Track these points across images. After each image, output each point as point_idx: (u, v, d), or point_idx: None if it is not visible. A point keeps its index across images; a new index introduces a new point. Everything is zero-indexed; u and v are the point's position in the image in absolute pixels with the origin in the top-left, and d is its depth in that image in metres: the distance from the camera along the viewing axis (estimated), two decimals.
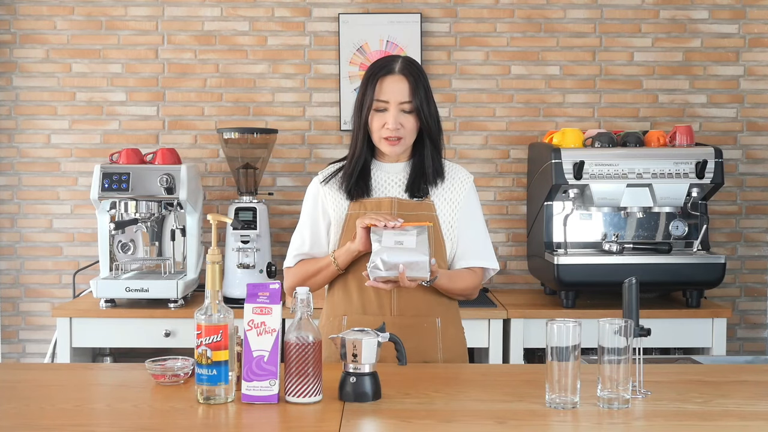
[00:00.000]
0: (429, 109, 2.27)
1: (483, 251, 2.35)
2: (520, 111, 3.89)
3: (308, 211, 2.37)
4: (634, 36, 3.87)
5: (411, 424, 1.70)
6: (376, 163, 2.34)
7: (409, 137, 2.28)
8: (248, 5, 3.85)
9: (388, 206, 2.28)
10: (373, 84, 2.26)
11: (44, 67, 3.85)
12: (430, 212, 2.29)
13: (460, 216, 2.32)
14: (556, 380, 1.76)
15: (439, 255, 2.27)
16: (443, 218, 2.30)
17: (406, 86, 2.24)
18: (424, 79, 2.29)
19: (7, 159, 3.87)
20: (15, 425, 1.70)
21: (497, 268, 2.39)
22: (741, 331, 3.92)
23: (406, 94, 2.24)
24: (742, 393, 1.92)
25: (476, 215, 2.36)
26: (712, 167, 3.33)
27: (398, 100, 2.24)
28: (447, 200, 2.32)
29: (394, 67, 2.26)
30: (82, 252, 3.86)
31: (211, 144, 3.88)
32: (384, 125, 2.24)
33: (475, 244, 2.34)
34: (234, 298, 3.40)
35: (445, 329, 2.30)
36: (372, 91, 2.26)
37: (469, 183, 2.36)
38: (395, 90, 2.24)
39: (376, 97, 2.25)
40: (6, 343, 3.89)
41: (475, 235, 2.34)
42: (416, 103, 2.24)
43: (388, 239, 2.10)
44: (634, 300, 1.89)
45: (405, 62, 2.28)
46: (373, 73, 2.27)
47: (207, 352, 1.79)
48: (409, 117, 2.25)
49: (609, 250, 3.36)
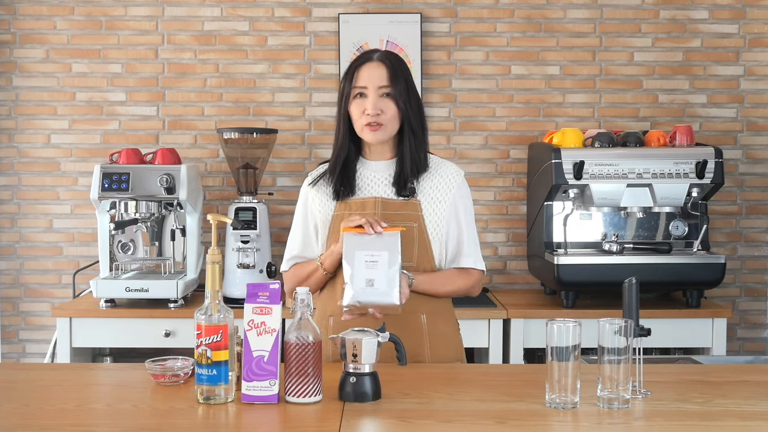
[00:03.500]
0: (409, 99, 2.25)
1: (473, 251, 2.32)
2: (520, 111, 3.89)
3: (299, 214, 2.37)
4: (634, 36, 3.87)
5: (411, 424, 1.70)
6: (363, 161, 2.32)
7: (391, 124, 2.25)
8: (248, 5, 3.85)
9: (372, 206, 2.26)
10: (351, 73, 2.26)
11: (44, 67, 3.85)
12: (416, 212, 2.26)
13: (448, 215, 2.29)
14: (556, 380, 1.75)
15: (424, 256, 2.25)
16: (429, 218, 2.27)
17: (384, 71, 2.23)
18: (405, 69, 2.27)
19: (7, 159, 3.87)
20: (15, 425, 1.70)
21: (484, 270, 2.34)
22: (741, 331, 3.92)
23: (384, 78, 2.23)
24: (742, 393, 1.92)
25: (466, 214, 2.32)
26: (712, 167, 3.33)
27: (376, 84, 2.22)
28: (434, 199, 2.28)
29: (372, 56, 2.27)
30: (82, 252, 3.86)
31: (211, 144, 3.88)
32: (364, 111, 2.22)
33: (465, 244, 2.30)
34: (234, 298, 3.40)
35: (432, 326, 2.26)
36: (350, 80, 2.25)
37: (458, 180, 2.32)
38: (373, 75, 2.23)
39: (354, 84, 2.24)
40: (6, 343, 3.89)
41: (465, 235, 2.30)
42: (396, 90, 2.23)
43: (360, 260, 2.07)
44: (634, 300, 1.89)
45: (384, 52, 2.29)
46: (352, 64, 2.28)
47: (207, 352, 1.79)
48: (389, 103, 2.23)
49: (609, 250, 3.36)
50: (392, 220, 2.22)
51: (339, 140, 2.30)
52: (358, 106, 2.24)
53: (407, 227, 2.21)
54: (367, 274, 2.06)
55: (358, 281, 2.06)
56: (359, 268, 2.07)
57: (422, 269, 2.25)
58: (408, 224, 2.23)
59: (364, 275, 2.06)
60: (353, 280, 2.06)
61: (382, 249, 2.08)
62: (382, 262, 2.07)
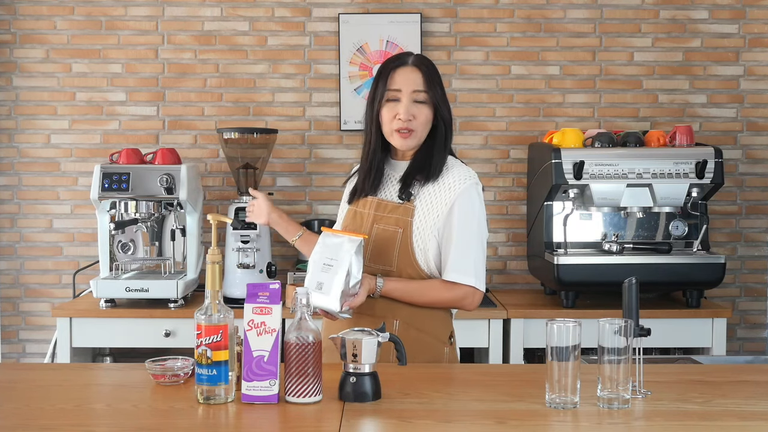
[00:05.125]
0: (443, 106, 2.23)
1: (462, 265, 2.19)
2: (520, 111, 3.89)
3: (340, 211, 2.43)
4: (634, 36, 3.87)
5: (411, 424, 1.70)
6: (389, 161, 2.32)
7: (422, 130, 2.22)
8: (248, 5, 3.85)
9: (368, 206, 2.28)
10: (386, 76, 2.22)
11: (44, 67, 3.85)
12: (405, 216, 2.22)
13: (441, 225, 2.21)
14: (556, 380, 1.75)
15: (406, 261, 2.21)
16: (418, 224, 2.21)
17: (419, 76, 2.21)
18: (438, 75, 2.25)
19: (7, 159, 3.87)
20: (15, 425, 1.70)
21: (475, 286, 2.20)
22: (741, 331, 3.92)
23: (420, 83, 2.20)
24: (742, 393, 1.92)
25: (461, 226, 2.20)
26: (712, 167, 3.33)
27: (411, 88, 2.19)
28: (429, 205, 2.22)
29: (408, 59, 2.24)
30: (82, 252, 3.86)
31: (211, 144, 3.88)
32: (396, 116, 2.19)
33: (451, 257, 2.19)
34: (234, 298, 3.40)
35: (404, 332, 2.19)
36: (384, 82, 2.21)
37: (460, 189, 2.21)
38: (408, 79, 2.20)
39: (388, 87, 2.21)
40: (6, 343, 3.89)
41: (454, 247, 2.19)
42: (431, 95, 2.20)
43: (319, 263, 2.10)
44: (634, 300, 1.89)
45: (419, 56, 2.27)
46: (386, 66, 2.25)
47: (207, 352, 1.79)
48: (422, 108, 2.20)
49: (609, 250, 3.36)
50: (381, 222, 2.23)
51: (371, 143, 2.27)
52: (389, 110, 2.21)
53: (391, 231, 2.21)
54: (319, 276, 2.10)
55: (309, 282, 2.10)
56: (315, 270, 2.11)
57: (406, 275, 2.22)
58: (392, 228, 2.22)
59: (316, 278, 2.10)
60: (306, 281, 2.11)
61: (340, 254, 2.10)
62: (334, 268, 2.09)
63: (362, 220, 2.28)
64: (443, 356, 2.29)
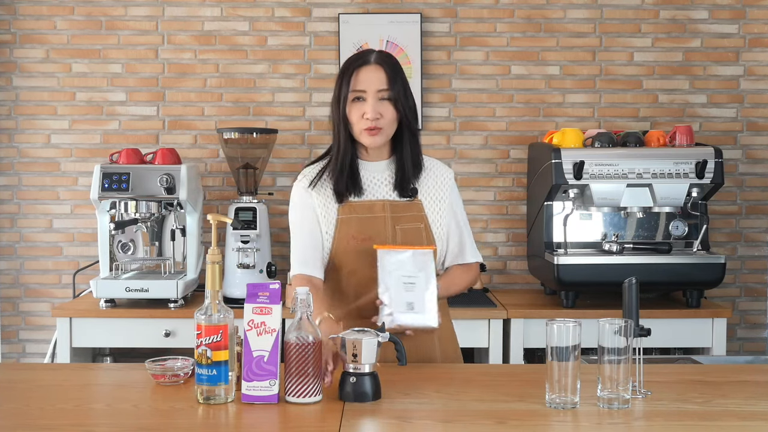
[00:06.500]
0: (407, 102, 2.24)
1: (473, 246, 2.37)
2: (520, 111, 3.89)
3: (302, 222, 2.28)
4: (634, 36, 3.87)
5: (411, 424, 1.70)
6: (361, 162, 2.30)
7: (389, 127, 2.24)
8: (248, 5, 3.85)
9: (381, 209, 2.25)
10: (349, 76, 2.23)
11: (44, 67, 3.85)
12: (420, 212, 2.28)
13: (447, 213, 2.32)
14: (556, 380, 1.76)
15: None
16: (431, 217, 2.29)
17: (383, 75, 2.22)
18: (401, 71, 2.26)
19: (7, 159, 3.87)
20: (15, 425, 1.70)
21: (480, 261, 2.41)
22: (741, 331, 3.92)
23: (383, 82, 2.21)
24: (742, 393, 1.92)
25: (461, 211, 2.37)
26: (712, 167, 3.33)
27: (376, 88, 2.21)
28: (433, 198, 2.31)
29: (370, 58, 2.24)
30: (82, 252, 3.86)
31: (211, 144, 3.88)
32: (363, 115, 2.20)
33: (467, 241, 2.35)
34: (234, 298, 3.40)
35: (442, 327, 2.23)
36: (348, 83, 2.22)
37: (451, 178, 2.36)
38: (372, 79, 2.21)
39: (352, 88, 2.22)
40: (6, 343, 3.89)
41: (464, 231, 2.35)
42: (394, 92, 2.21)
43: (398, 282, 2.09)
44: (634, 300, 1.89)
45: (381, 54, 2.27)
46: (348, 65, 2.25)
47: (207, 352, 1.79)
48: (388, 106, 2.22)
49: (609, 250, 3.36)
50: (401, 222, 2.24)
51: (341, 143, 2.27)
52: (356, 110, 2.22)
53: (415, 228, 2.24)
54: (406, 296, 2.10)
55: (397, 304, 2.09)
56: (397, 290, 2.10)
57: None
58: (414, 225, 2.26)
59: (403, 298, 2.10)
60: (393, 303, 2.09)
61: (419, 270, 2.12)
62: (419, 284, 2.11)
63: (384, 225, 2.25)
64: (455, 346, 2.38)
